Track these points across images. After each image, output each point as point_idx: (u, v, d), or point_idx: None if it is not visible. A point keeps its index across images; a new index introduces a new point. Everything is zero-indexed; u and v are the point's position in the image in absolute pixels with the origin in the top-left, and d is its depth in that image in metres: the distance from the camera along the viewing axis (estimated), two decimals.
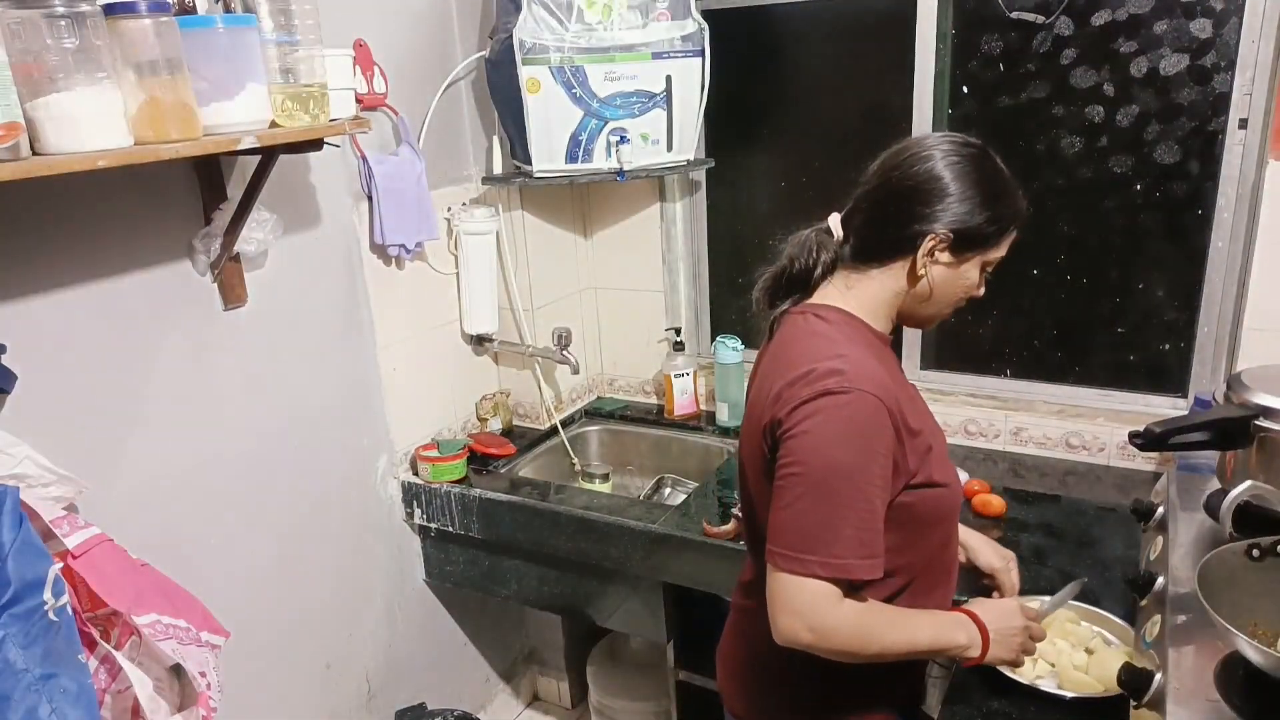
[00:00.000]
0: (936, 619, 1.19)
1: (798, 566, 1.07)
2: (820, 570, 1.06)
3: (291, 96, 1.41)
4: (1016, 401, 2.12)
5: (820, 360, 1.12)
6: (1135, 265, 1.99)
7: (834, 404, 1.08)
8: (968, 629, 1.19)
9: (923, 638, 1.15)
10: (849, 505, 1.06)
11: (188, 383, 1.61)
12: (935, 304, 1.20)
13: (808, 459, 1.08)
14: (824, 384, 1.09)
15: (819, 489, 1.07)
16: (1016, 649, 1.21)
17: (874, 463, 1.08)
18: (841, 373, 1.09)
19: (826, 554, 1.06)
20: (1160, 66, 1.85)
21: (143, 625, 1.24)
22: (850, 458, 1.07)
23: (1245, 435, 1.38)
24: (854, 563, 1.07)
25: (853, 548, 1.06)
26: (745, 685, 1.34)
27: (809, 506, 1.07)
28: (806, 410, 1.09)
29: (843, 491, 1.06)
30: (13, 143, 1.07)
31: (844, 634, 1.09)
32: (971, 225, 1.13)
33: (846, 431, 1.07)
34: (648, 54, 2.04)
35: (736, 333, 2.35)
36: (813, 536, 1.06)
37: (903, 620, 1.15)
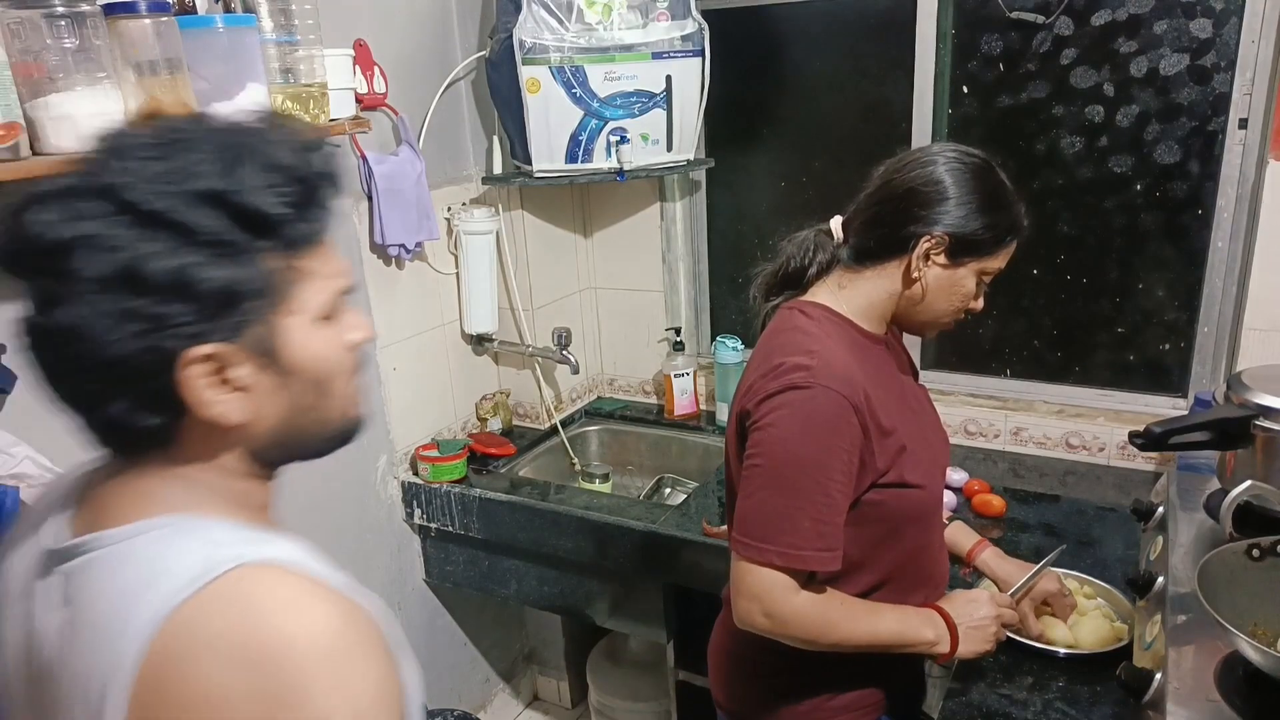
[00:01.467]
0: (902, 614, 1.21)
1: (755, 554, 1.11)
2: (776, 559, 1.10)
3: (291, 96, 1.41)
4: (1016, 401, 2.12)
5: (791, 355, 1.14)
6: (1135, 265, 1.99)
7: (797, 398, 1.11)
8: (935, 625, 1.20)
9: (884, 631, 1.18)
10: (807, 497, 1.09)
11: None
12: (929, 309, 1.20)
13: (770, 451, 1.11)
14: (789, 378, 1.12)
15: (779, 480, 1.10)
16: (989, 640, 1.23)
17: (834, 458, 1.10)
18: (808, 368, 1.12)
19: (783, 543, 1.09)
20: (1160, 66, 1.85)
21: None
22: (810, 451, 1.09)
23: (1245, 435, 1.38)
24: (810, 554, 1.10)
25: (810, 539, 1.09)
26: (723, 672, 1.38)
27: (769, 497, 1.11)
28: (772, 404, 1.12)
29: (801, 484, 1.09)
30: (13, 143, 1.07)
31: (800, 622, 1.13)
32: (968, 230, 1.14)
33: (808, 426, 1.10)
34: (648, 54, 2.04)
35: (736, 333, 2.35)
36: (771, 526, 1.10)
37: (865, 613, 1.18)
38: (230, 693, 0.60)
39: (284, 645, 0.61)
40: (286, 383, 0.69)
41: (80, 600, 0.67)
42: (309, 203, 0.68)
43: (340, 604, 0.65)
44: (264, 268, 0.66)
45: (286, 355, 0.68)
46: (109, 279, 0.61)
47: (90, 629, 0.65)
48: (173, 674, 0.61)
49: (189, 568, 0.63)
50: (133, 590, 0.63)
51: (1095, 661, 1.32)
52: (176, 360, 0.64)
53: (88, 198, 0.62)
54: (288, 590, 0.64)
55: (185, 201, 0.62)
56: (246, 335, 0.66)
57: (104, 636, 0.63)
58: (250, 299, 0.65)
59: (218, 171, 0.64)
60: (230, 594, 0.63)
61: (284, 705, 0.60)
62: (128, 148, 0.65)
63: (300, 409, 0.71)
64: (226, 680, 0.60)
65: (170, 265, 0.62)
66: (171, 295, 0.62)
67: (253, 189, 0.64)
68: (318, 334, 0.70)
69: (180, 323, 0.63)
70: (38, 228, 0.62)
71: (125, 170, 0.63)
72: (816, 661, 1.21)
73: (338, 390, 0.73)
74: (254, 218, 0.64)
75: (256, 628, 0.61)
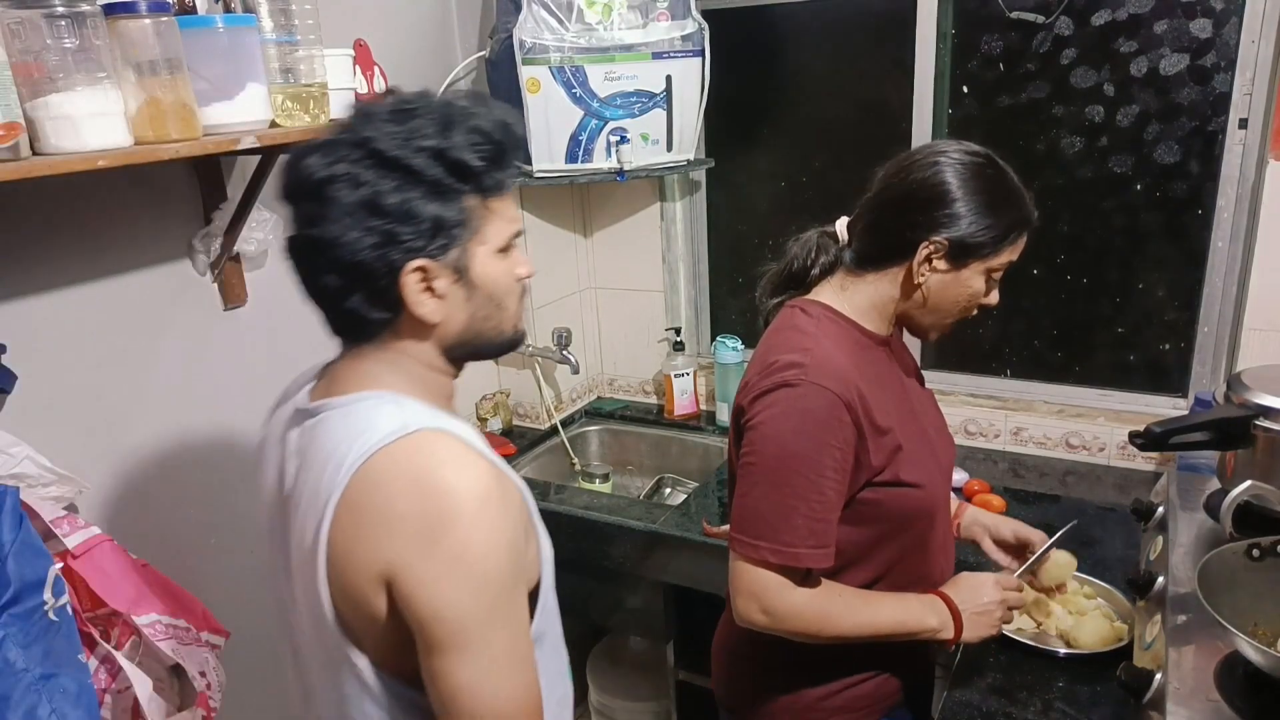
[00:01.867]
0: (903, 602, 1.21)
1: (750, 552, 1.12)
2: (771, 557, 1.11)
3: (291, 96, 1.41)
4: (1016, 401, 2.12)
5: (786, 353, 1.15)
6: (1135, 265, 1.99)
7: (788, 396, 1.11)
8: (938, 611, 1.20)
9: (884, 620, 1.18)
10: (801, 495, 1.10)
11: (188, 383, 1.61)
12: (934, 312, 1.20)
13: (762, 449, 1.12)
14: (782, 376, 1.12)
15: (772, 478, 1.11)
16: (995, 624, 1.23)
17: (826, 454, 1.10)
18: (800, 366, 1.12)
19: (777, 541, 1.10)
20: (1160, 66, 1.85)
21: (143, 625, 1.24)
22: (803, 448, 1.10)
23: (1245, 435, 1.38)
24: (803, 551, 1.10)
25: (803, 536, 1.10)
26: (726, 669, 1.38)
27: (763, 494, 1.12)
28: (764, 402, 1.13)
29: (794, 481, 1.10)
30: (13, 143, 1.07)
31: (799, 617, 1.14)
32: (969, 233, 1.13)
33: (800, 423, 1.10)
34: (648, 54, 2.04)
35: (736, 333, 2.35)
36: (765, 523, 1.11)
37: (863, 604, 1.18)
38: (402, 512, 0.83)
39: (445, 488, 0.83)
40: (472, 295, 0.92)
41: (312, 446, 0.91)
42: (500, 160, 0.89)
43: (491, 471, 0.87)
44: (464, 205, 0.88)
45: (474, 274, 0.91)
46: (357, 205, 0.85)
47: (318, 464, 0.89)
48: (367, 496, 0.84)
49: (387, 426, 0.86)
50: (348, 438, 0.87)
51: (1095, 661, 1.32)
52: (400, 268, 0.86)
53: (344, 147, 0.86)
54: (454, 452, 0.86)
55: (413, 152, 0.85)
56: (448, 255, 0.88)
57: (327, 467, 0.87)
58: (453, 228, 0.88)
59: (436, 132, 0.86)
60: (413, 447, 0.85)
61: (435, 529, 0.82)
62: (373, 113, 0.87)
63: (479, 318, 0.93)
64: (401, 504, 0.83)
65: (400, 198, 0.85)
66: (400, 219, 0.85)
67: (460, 146, 0.86)
68: (497, 262, 0.92)
69: (404, 240, 0.85)
70: (309, 168, 0.86)
71: (372, 128, 0.86)
72: (819, 658, 1.21)
73: (508, 308, 0.95)
74: (460, 167, 0.87)
75: (428, 472, 0.84)
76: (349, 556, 0.85)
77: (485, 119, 0.88)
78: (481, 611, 0.83)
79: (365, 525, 0.84)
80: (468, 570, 0.82)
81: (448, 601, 0.82)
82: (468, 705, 0.84)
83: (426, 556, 0.82)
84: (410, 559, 0.82)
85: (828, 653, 1.20)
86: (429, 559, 0.82)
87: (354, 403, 0.91)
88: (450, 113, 0.87)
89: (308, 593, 0.90)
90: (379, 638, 0.88)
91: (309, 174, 0.86)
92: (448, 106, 0.88)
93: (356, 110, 0.90)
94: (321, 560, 0.87)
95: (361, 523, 0.84)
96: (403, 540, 0.82)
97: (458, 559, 0.82)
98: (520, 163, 0.93)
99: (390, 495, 0.84)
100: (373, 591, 0.85)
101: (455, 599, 0.82)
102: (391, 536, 0.83)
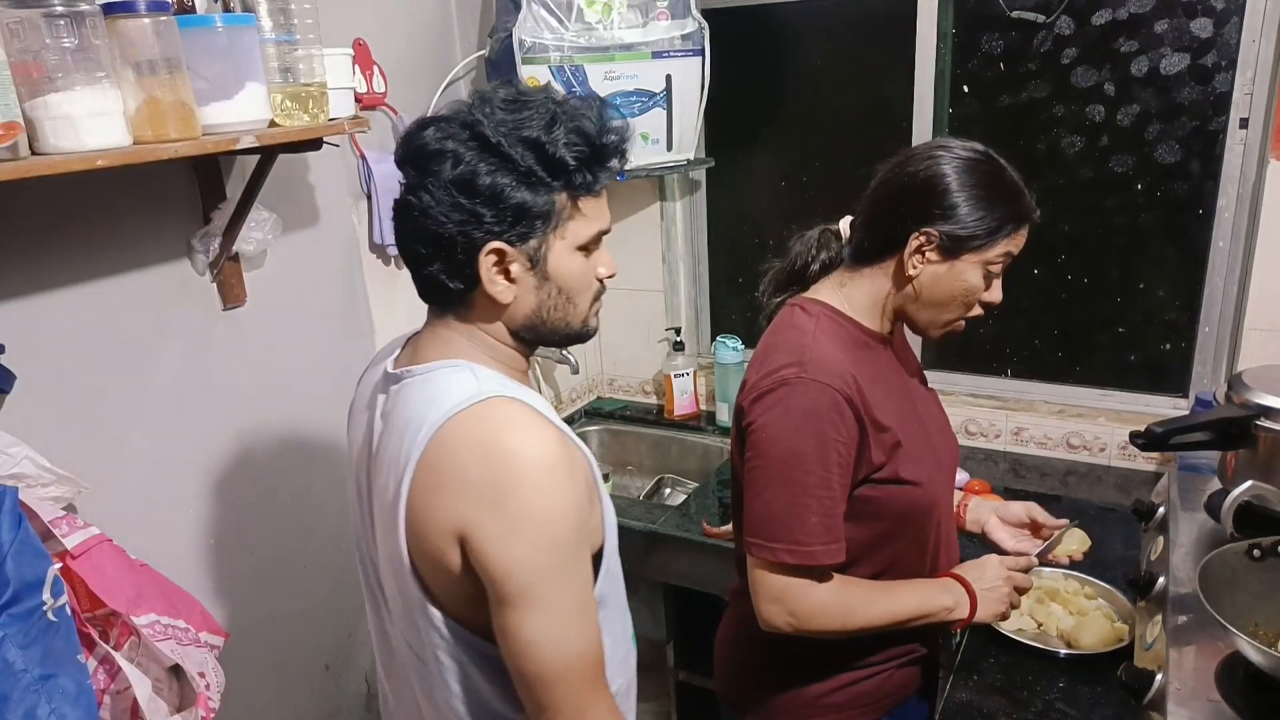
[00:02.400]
0: (918, 587, 1.22)
1: (768, 554, 1.12)
2: (788, 558, 1.11)
3: (291, 96, 1.41)
4: (1017, 401, 2.12)
5: (784, 352, 1.16)
6: (1136, 265, 1.98)
7: (788, 394, 1.12)
8: (953, 591, 1.21)
9: (905, 607, 1.18)
10: (811, 492, 1.10)
11: (187, 383, 1.61)
12: (929, 306, 1.19)
13: (767, 450, 1.12)
14: (780, 375, 1.13)
15: (780, 478, 1.11)
16: (1004, 602, 1.23)
17: (831, 450, 1.11)
18: (799, 363, 1.13)
19: (793, 542, 1.10)
20: (1161, 66, 1.85)
21: (142, 626, 1.24)
22: (807, 445, 1.10)
23: (1246, 435, 1.38)
24: (818, 549, 1.11)
25: (817, 534, 1.11)
26: (729, 667, 1.39)
27: (774, 496, 1.12)
28: (765, 402, 1.13)
29: (804, 480, 1.10)
30: (11, 142, 1.07)
31: (824, 615, 1.14)
32: (960, 225, 1.13)
33: (801, 420, 1.11)
34: (647, 53, 2.04)
35: (737, 332, 2.35)
36: (780, 525, 1.11)
37: (881, 594, 1.19)
38: (473, 475, 0.88)
39: (512, 451, 0.88)
40: (543, 285, 0.96)
41: (395, 410, 0.98)
42: (595, 161, 0.94)
43: (559, 439, 0.92)
44: (551, 199, 0.92)
45: (549, 265, 0.95)
46: (452, 181, 0.90)
47: (399, 427, 0.95)
48: (442, 458, 0.90)
49: (461, 393, 0.92)
50: (426, 403, 0.93)
51: (1096, 662, 1.32)
52: (479, 247, 0.92)
53: (456, 126, 0.92)
54: (522, 418, 0.92)
55: (514, 142, 0.90)
56: (527, 243, 0.93)
57: (407, 431, 0.93)
58: (536, 218, 0.92)
59: (540, 126, 0.90)
60: (484, 413, 0.91)
61: (503, 490, 0.87)
62: (489, 99, 0.93)
63: (547, 307, 0.98)
64: (472, 468, 0.89)
65: (491, 180, 0.90)
66: (486, 201, 0.90)
67: (559, 142, 0.90)
68: (574, 258, 0.97)
69: (486, 221, 0.91)
70: (424, 139, 0.92)
71: (484, 113, 0.91)
72: (823, 655, 1.21)
73: (578, 304, 1.00)
74: (554, 163, 0.91)
75: (496, 437, 0.89)
76: (426, 516, 0.91)
77: (590, 122, 0.93)
78: (547, 569, 0.89)
79: (441, 486, 0.90)
80: (534, 530, 0.88)
81: (516, 559, 0.88)
82: (535, 656, 0.89)
83: (495, 517, 0.87)
84: (480, 518, 0.88)
85: (831, 649, 1.20)
86: (497, 519, 0.87)
87: (433, 370, 0.97)
88: (558, 111, 0.92)
89: (389, 547, 0.97)
90: (452, 591, 0.94)
91: (421, 144, 0.92)
92: (558, 105, 0.93)
93: (476, 94, 0.95)
94: (401, 518, 0.93)
95: (437, 484, 0.90)
96: (473, 501, 0.88)
97: (525, 519, 0.87)
98: (610, 167, 0.97)
99: (463, 459, 0.89)
100: (447, 548, 0.91)
101: (522, 557, 0.88)
102: (464, 497, 0.88)
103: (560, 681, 0.90)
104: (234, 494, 1.71)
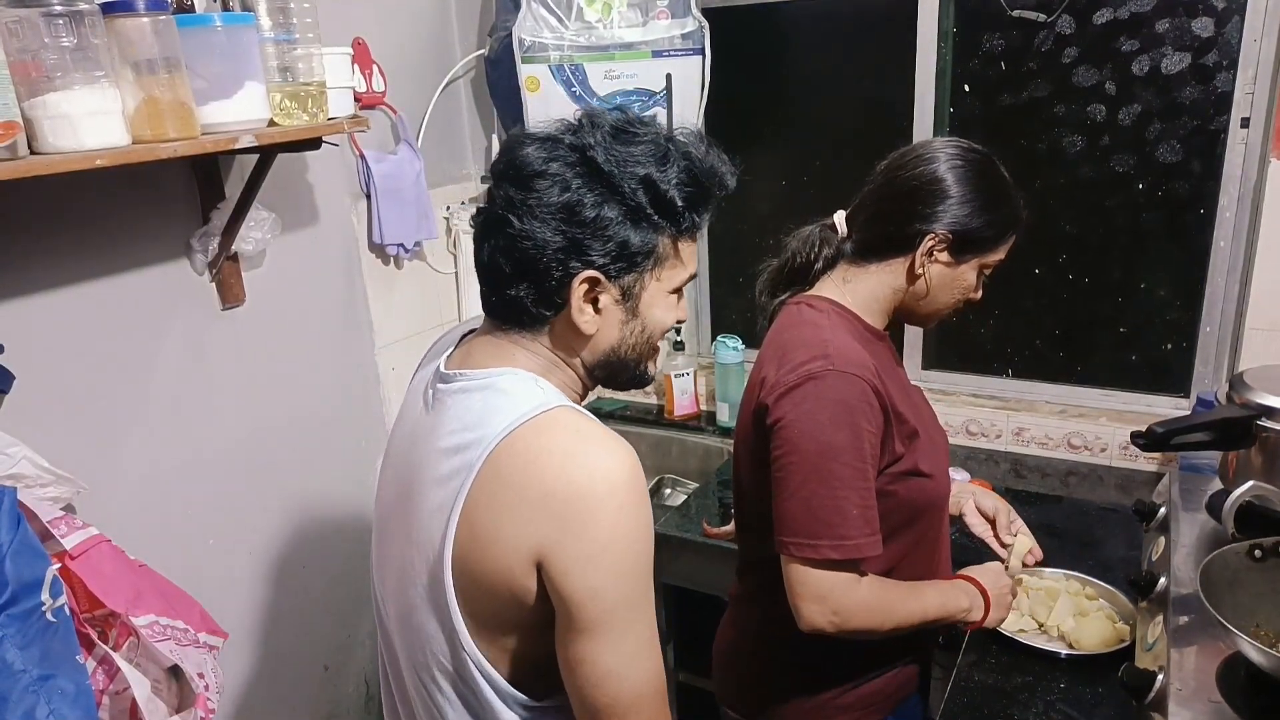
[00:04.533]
0: (940, 587, 1.23)
1: (811, 552, 1.09)
2: (833, 553, 1.08)
3: (290, 95, 1.40)
4: (1018, 401, 2.11)
5: (805, 347, 1.15)
6: (1137, 264, 1.98)
7: (817, 387, 1.10)
8: (970, 593, 1.23)
9: (931, 607, 1.19)
10: (850, 485, 1.09)
11: (186, 383, 1.61)
12: (932, 303, 1.21)
13: (801, 445, 1.10)
14: (807, 368, 1.12)
15: (818, 473, 1.09)
16: (1009, 607, 1.28)
17: (863, 440, 1.10)
18: (825, 356, 1.12)
19: (836, 537, 1.08)
20: (1162, 65, 1.84)
21: (141, 626, 1.24)
22: (841, 437, 1.09)
23: (1248, 435, 1.38)
24: (862, 541, 1.09)
25: (859, 527, 1.09)
26: (730, 671, 1.37)
27: (812, 491, 1.09)
28: (793, 397, 1.11)
29: (841, 472, 1.09)
30: (11, 142, 1.07)
31: (866, 612, 1.12)
32: (971, 228, 1.15)
33: (834, 412, 1.09)
34: (648, 52, 2.04)
35: (737, 332, 2.34)
36: (820, 521, 1.09)
37: (912, 592, 1.19)
38: (551, 490, 0.82)
39: (596, 468, 0.83)
40: (629, 322, 0.93)
41: (443, 410, 0.92)
42: (702, 204, 0.92)
43: (631, 453, 0.87)
44: (656, 239, 0.90)
45: (640, 303, 0.92)
46: (558, 207, 0.86)
47: (453, 431, 0.89)
48: (512, 468, 0.84)
49: (530, 401, 0.87)
50: (490, 410, 0.88)
51: (1097, 662, 1.32)
52: (574, 275, 0.87)
53: (564, 149, 0.87)
54: (599, 431, 0.87)
55: (626, 174, 0.86)
56: (623, 279, 0.90)
57: (466, 436, 0.87)
58: (637, 255, 0.89)
59: (653, 161, 0.87)
60: (557, 423, 0.86)
61: (587, 511, 0.82)
62: (599, 124, 0.89)
63: (629, 345, 0.95)
64: (550, 480, 0.82)
65: (598, 213, 0.86)
66: (592, 232, 0.86)
67: (671, 181, 0.88)
68: (664, 300, 0.94)
69: (589, 252, 0.87)
70: (526, 158, 0.87)
71: (595, 138, 0.87)
72: (827, 658, 1.21)
73: (655, 346, 0.98)
74: (666, 204, 0.88)
75: (577, 449, 0.84)
76: (494, 532, 0.84)
77: (700, 162, 0.90)
78: (631, 596, 0.84)
79: (510, 503, 0.83)
80: (621, 554, 0.83)
81: (601, 584, 0.82)
82: (612, 686, 0.84)
83: (580, 537, 0.82)
84: (561, 538, 0.82)
85: (834, 653, 1.19)
86: (582, 540, 0.82)
87: (492, 375, 0.91)
88: (670, 148, 0.89)
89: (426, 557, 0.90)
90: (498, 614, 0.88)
91: (524, 162, 0.87)
92: (670, 141, 0.90)
93: (585, 114, 0.91)
94: (451, 530, 0.87)
95: (505, 500, 0.84)
96: (555, 519, 0.82)
97: (611, 541, 0.82)
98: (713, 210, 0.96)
99: (539, 472, 0.83)
100: (520, 570, 0.84)
101: (609, 582, 0.83)
102: (542, 515, 0.82)
103: (634, 711, 0.85)
104: (233, 494, 1.71)
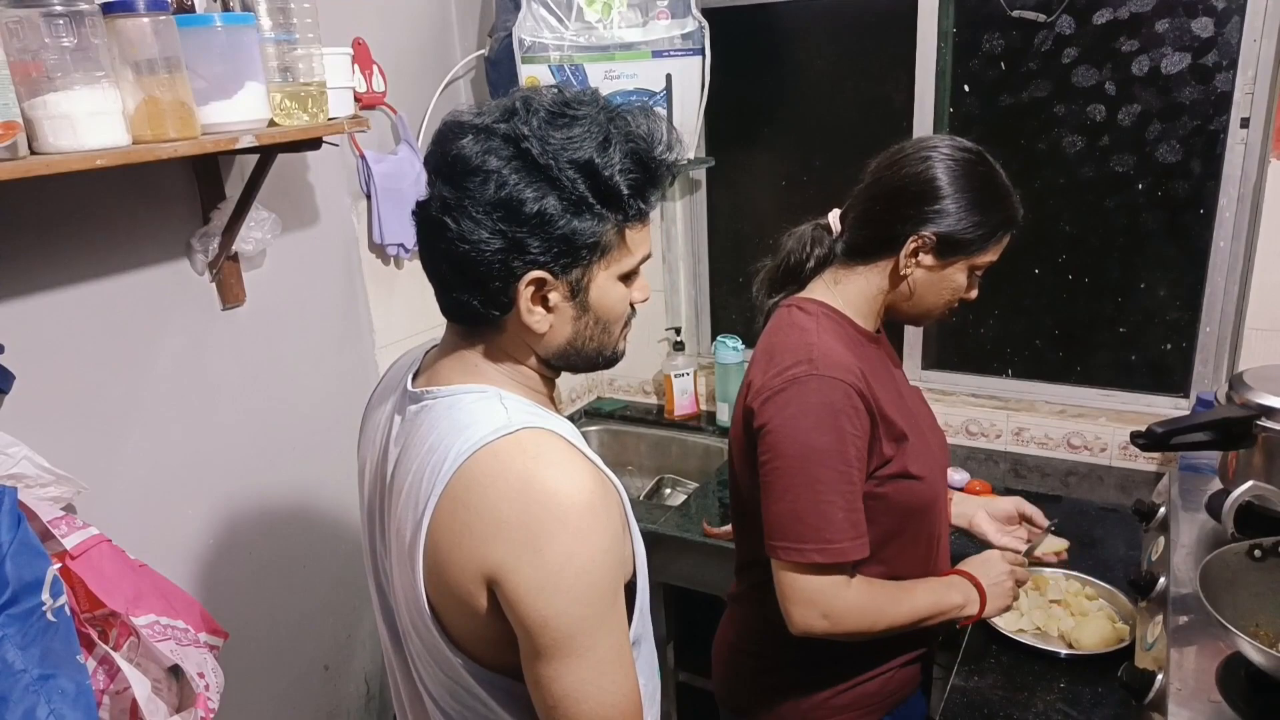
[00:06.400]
0: (932, 585, 1.23)
1: (797, 556, 1.10)
2: (818, 557, 1.09)
3: (290, 95, 1.40)
4: (1018, 401, 2.11)
5: (791, 351, 1.15)
6: (1137, 265, 1.98)
7: (800, 391, 1.11)
8: (963, 589, 1.23)
9: (923, 605, 1.19)
10: (834, 488, 1.09)
11: (186, 383, 1.60)
12: (919, 305, 1.22)
13: (785, 450, 1.11)
14: (790, 373, 1.12)
15: (802, 477, 1.10)
16: (1009, 596, 1.26)
17: (849, 444, 1.10)
18: (808, 360, 1.13)
19: (822, 540, 1.09)
20: (1162, 65, 1.84)
21: (141, 626, 1.24)
22: (824, 441, 1.09)
23: (1247, 435, 1.38)
24: (847, 544, 1.10)
25: (844, 530, 1.10)
26: (728, 671, 1.38)
27: (797, 495, 1.10)
28: (777, 402, 1.12)
29: (825, 477, 1.09)
30: (10, 142, 1.06)
31: (857, 614, 1.13)
32: (957, 230, 1.14)
33: (817, 416, 1.10)
34: (647, 52, 2.04)
35: (737, 332, 2.34)
36: (806, 524, 1.10)
37: (903, 593, 1.19)
38: (506, 515, 0.81)
39: (550, 492, 0.81)
40: (581, 316, 0.90)
41: (415, 434, 0.90)
42: (649, 187, 0.87)
43: (594, 474, 0.85)
44: (601, 229, 0.85)
45: (590, 295, 0.89)
46: (493, 205, 0.82)
47: (419, 454, 0.88)
48: (470, 491, 0.83)
49: (491, 423, 0.85)
50: (451, 432, 0.86)
51: (1097, 662, 1.32)
52: (519, 276, 0.84)
53: (498, 139, 0.83)
54: (558, 454, 0.84)
55: (563, 164, 0.82)
56: (569, 273, 0.86)
57: (430, 459, 0.86)
58: (582, 249, 0.85)
59: (594, 147, 0.83)
60: (517, 447, 0.84)
61: (540, 535, 0.80)
62: (534, 108, 0.83)
63: (584, 337, 0.91)
64: (505, 507, 0.81)
65: (538, 208, 0.82)
66: (533, 229, 0.82)
67: (614, 167, 0.83)
68: (615, 288, 0.90)
69: (530, 251, 0.83)
70: (459, 150, 0.83)
71: (530, 126, 0.82)
72: (825, 658, 1.21)
73: (613, 332, 0.93)
74: (609, 191, 0.84)
75: (532, 474, 0.82)
76: (451, 553, 0.84)
77: (646, 141, 0.86)
78: (587, 620, 0.83)
79: (468, 525, 0.83)
80: (574, 579, 0.81)
81: (554, 610, 0.81)
82: (573, 710, 0.83)
83: (532, 563, 0.81)
84: (516, 564, 0.81)
85: (833, 652, 1.19)
86: (534, 566, 0.81)
87: (457, 394, 0.89)
88: (611, 129, 0.84)
89: (405, 585, 0.91)
90: (476, 634, 0.88)
91: (457, 156, 0.83)
92: (611, 121, 0.85)
93: (520, 98, 0.85)
94: (420, 552, 0.86)
95: (465, 522, 0.83)
96: (507, 545, 0.81)
97: (563, 567, 0.81)
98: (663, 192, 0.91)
99: (494, 497, 0.82)
100: (475, 591, 0.84)
101: (561, 608, 0.81)
102: (497, 539, 0.81)
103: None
104: (233, 494, 1.71)
